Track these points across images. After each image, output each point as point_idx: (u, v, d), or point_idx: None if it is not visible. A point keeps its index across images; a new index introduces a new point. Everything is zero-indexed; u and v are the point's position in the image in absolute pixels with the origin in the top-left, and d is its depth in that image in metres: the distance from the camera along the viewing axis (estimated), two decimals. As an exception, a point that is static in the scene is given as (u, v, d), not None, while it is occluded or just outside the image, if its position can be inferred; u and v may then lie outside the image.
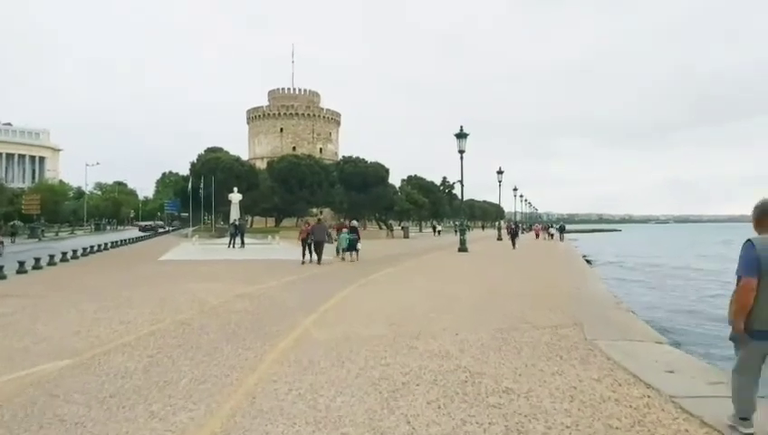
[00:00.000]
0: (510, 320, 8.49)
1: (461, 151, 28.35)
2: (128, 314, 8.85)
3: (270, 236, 37.30)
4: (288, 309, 9.46)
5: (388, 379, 5.25)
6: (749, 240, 3.78)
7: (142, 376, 5.38)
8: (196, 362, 5.91)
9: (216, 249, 28.89)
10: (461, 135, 28.16)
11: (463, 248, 28.01)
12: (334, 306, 9.80)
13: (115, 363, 5.88)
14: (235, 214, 34.92)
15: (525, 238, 54.58)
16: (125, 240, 33.83)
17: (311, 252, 19.40)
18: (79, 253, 22.05)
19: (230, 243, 29.83)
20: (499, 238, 48.50)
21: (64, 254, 20.10)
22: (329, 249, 21.82)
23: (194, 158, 56.58)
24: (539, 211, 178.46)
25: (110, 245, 28.45)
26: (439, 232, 69.84)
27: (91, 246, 24.81)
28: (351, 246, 21.00)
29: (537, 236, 51.72)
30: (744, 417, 3.84)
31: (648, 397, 4.76)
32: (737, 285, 3.79)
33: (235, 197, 35.98)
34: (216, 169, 47.71)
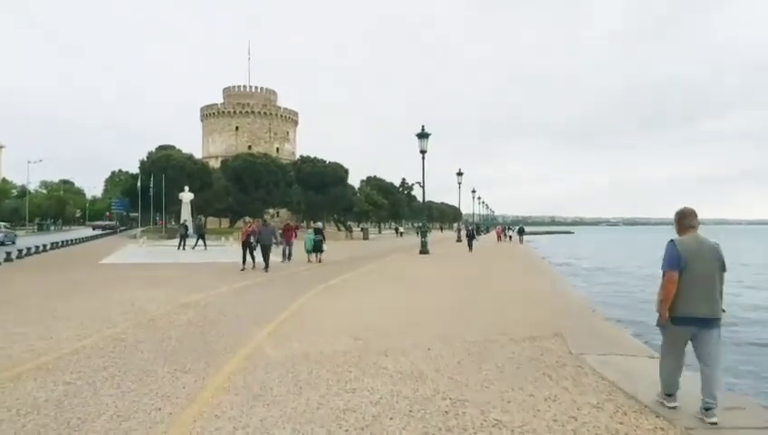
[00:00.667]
0: (485, 331, 7.76)
1: (422, 152, 27.71)
2: (51, 328, 7.68)
3: (223, 238, 35.78)
4: (239, 321, 8.47)
5: (356, 410, 4.39)
6: (672, 240, 4.45)
7: (52, 411, 4.36)
8: (123, 390, 4.91)
9: (165, 251, 27.34)
10: (422, 135, 27.52)
11: (424, 250, 27.37)
12: (291, 317, 8.86)
13: (22, 393, 4.82)
14: (185, 214, 33.34)
15: (485, 240, 54.59)
16: (66, 241, 31.74)
17: (252, 257, 17.18)
18: (13, 255, 20.29)
19: (180, 244, 28.36)
20: (458, 240, 48.19)
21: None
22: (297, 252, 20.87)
23: (145, 156, 54.20)
24: (495, 213, 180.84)
25: (49, 246, 26.47)
26: (401, 233, 69.41)
27: (28, 248, 22.95)
28: (317, 247, 20.97)
29: (499, 238, 51.41)
30: (669, 393, 4.49)
31: (662, 429, 4.07)
32: (662, 278, 4.44)
33: (186, 196, 34.39)
34: (166, 168, 45.67)
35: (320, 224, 25.19)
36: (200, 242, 28.16)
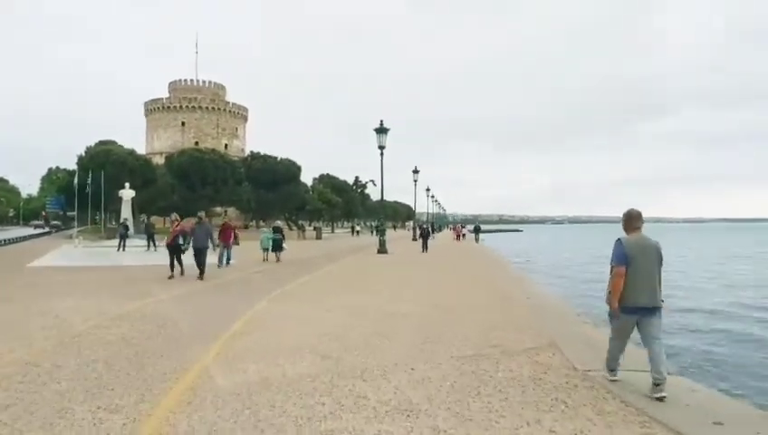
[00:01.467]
0: (472, 343, 6.82)
1: (381, 147, 26.75)
2: (-54, 351, 6.25)
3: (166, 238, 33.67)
4: (181, 336, 7.22)
5: (338, 467, 3.33)
6: (619, 239, 5.05)
7: None
8: (23, 443, 3.68)
9: (103, 253, 25.33)
10: (381, 130, 26.57)
11: (383, 250, 26.44)
12: (244, 329, 7.68)
13: None
14: (126, 212, 31.18)
15: (439, 238, 54.19)
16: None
17: (180, 262, 14.23)
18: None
19: (120, 245, 26.33)
20: (414, 239, 47.58)
21: None
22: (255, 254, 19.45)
23: (83, 151, 50.94)
24: (446, 212, 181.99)
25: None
26: (358, 232, 68.34)
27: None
28: (276, 246, 20.58)
29: (458, 237, 50.00)
30: (612, 369, 5.23)
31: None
32: (611, 273, 4.99)
33: (127, 193, 32.22)
34: (106, 163, 42.88)
35: (279, 223, 24.73)
36: (151, 244, 26.23)
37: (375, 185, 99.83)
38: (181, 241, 14.18)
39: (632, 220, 5.12)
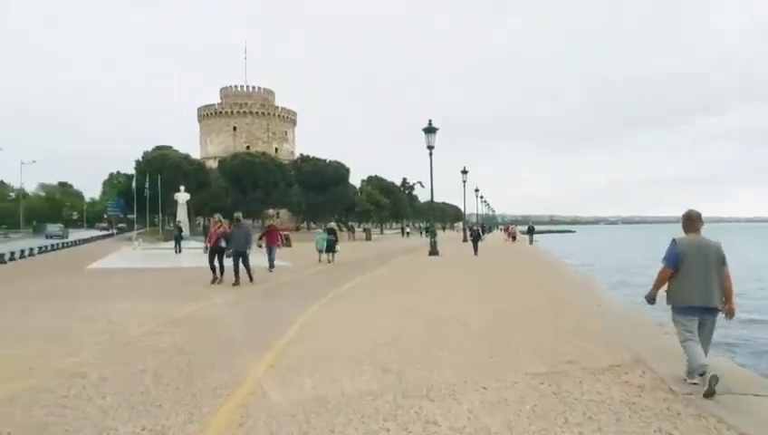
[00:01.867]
0: (544, 357, 6.18)
1: (430, 147, 26.15)
2: (-2, 358, 6.10)
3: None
4: (234, 344, 6.87)
5: None
6: (674, 239, 5.10)
7: None
8: (61, 470, 3.33)
9: (161, 255, 25.76)
10: (430, 129, 25.97)
11: (434, 252, 25.82)
12: (297, 337, 7.27)
13: None
14: (181, 215, 31.75)
15: (491, 240, 53.00)
16: (57, 245, 30.16)
17: (221, 267, 13.39)
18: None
19: (176, 247, 26.76)
20: (465, 240, 46.69)
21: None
22: (309, 255, 19.24)
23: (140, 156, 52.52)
24: (495, 213, 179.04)
25: (36, 250, 24.86)
26: (408, 233, 67.94)
27: (12, 253, 21.37)
28: (330, 247, 20.79)
29: (513, 238, 47.70)
30: (701, 374, 4.74)
31: None
32: (660, 270, 5.18)
33: (182, 196, 32.79)
34: (162, 168, 44.04)
35: (333, 224, 25.06)
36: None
37: (423, 186, 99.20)
38: (224, 244, 13.33)
39: (691, 221, 5.15)
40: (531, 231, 47.57)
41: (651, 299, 5.27)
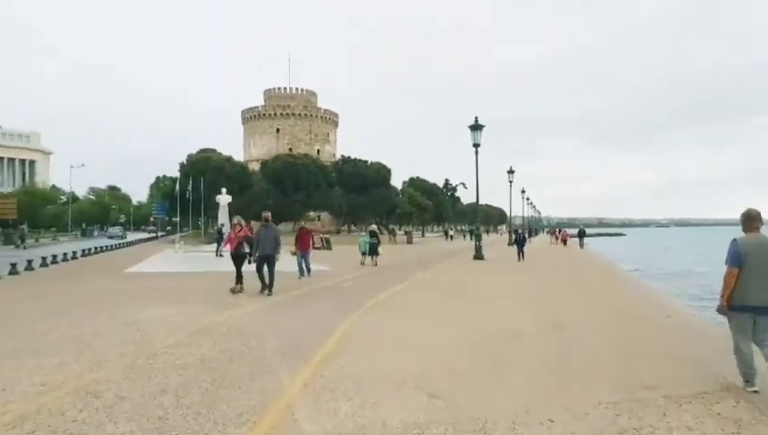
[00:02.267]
0: (617, 380, 5.35)
1: (476, 145, 25.24)
2: (15, 370, 5.69)
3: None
4: (265, 357, 6.29)
5: None
6: (734, 239, 5.08)
7: None
8: None
9: (201, 258, 25.71)
10: (476, 126, 25.07)
11: (479, 256, 24.90)
12: (334, 351, 6.64)
13: None
14: (222, 217, 31.73)
15: (537, 243, 51.39)
16: (100, 248, 30.62)
17: (239, 275, 12.29)
18: (36, 263, 18.94)
19: (217, 250, 26.66)
20: (510, 244, 45.45)
21: (13, 266, 16.89)
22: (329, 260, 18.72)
23: (185, 159, 53.37)
24: (541, 215, 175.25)
25: (79, 253, 25.17)
26: (452, 237, 67.01)
27: (54, 256, 21.63)
28: (372, 250, 20.92)
29: (564, 242, 45.04)
30: (747, 380, 4.96)
31: None
32: (726, 272, 5.06)
33: (223, 199, 32.79)
34: (205, 170, 44.49)
35: (374, 227, 25.20)
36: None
37: (466, 188, 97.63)
38: (247, 249, 12.22)
39: (751, 220, 5.12)
40: (581, 235, 45.07)
41: (724, 310, 5.11)
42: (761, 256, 4.91)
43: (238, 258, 12.32)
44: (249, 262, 12.15)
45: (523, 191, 66.66)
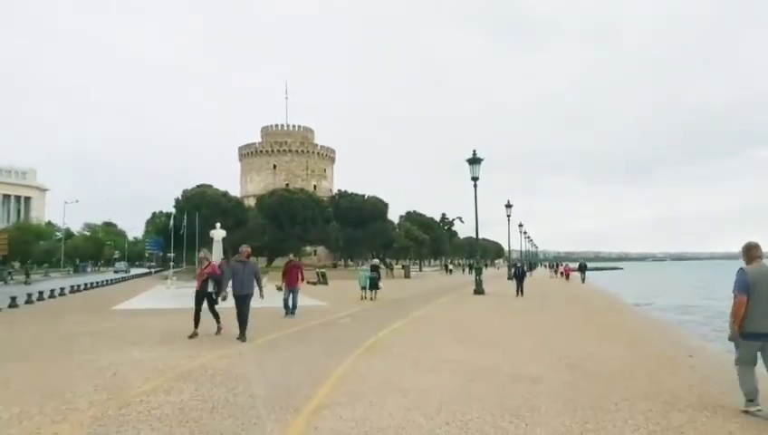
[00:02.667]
0: (654, 435, 4.66)
1: (474, 179, 24.82)
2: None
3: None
4: (252, 407, 5.58)
5: None
6: (741, 268, 5.36)
7: None
8: None
9: (193, 294, 24.90)
10: (474, 160, 24.71)
11: (479, 290, 24.19)
12: (329, 400, 5.92)
13: None
14: (217, 253, 30.95)
15: (537, 277, 50.64)
16: (91, 284, 29.80)
17: (213, 313, 10.84)
18: (21, 300, 18.16)
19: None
20: (510, 278, 44.72)
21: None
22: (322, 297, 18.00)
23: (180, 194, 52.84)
24: (538, 249, 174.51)
25: (67, 290, 24.35)
26: (451, 271, 66.37)
27: (40, 292, 20.84)
28: (373, 284, 20.99)
29: (567, 277, 43.83)
30: (751, 399, 5.29)
31: None
32: (733, 301, 5.32)
33: (218, 233, 31.98)
34: (200, 205, 43.90)
35: (376, 261, 25.83)
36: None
37: (462, 222, 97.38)
38: (212, 287, 10.67)
39: (752, 250, 5.39)
40: (583, 269, 43.42)
41: (735, 337, 5.31)
42: (765, 286, 5.15)
43: (201, 297, 10.74)
44: (216, 302, 10.70)
45: (520, 225, 66.29)
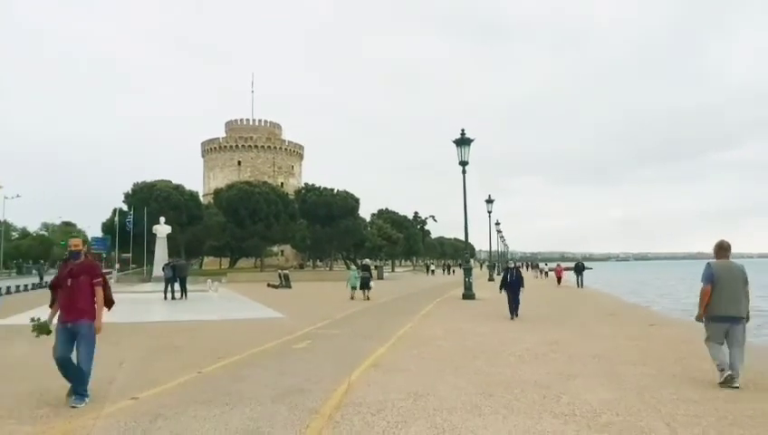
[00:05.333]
0: None
1: (463, 164, 21.08)
2: None
3: (210, 281, 28.93)
4: None
5: None
6: (708, 263, 6.51)
7: None
8: None
9: (131, 302, 20.53)
10: (462, 141, 20.97)
11: (469, 295, 20.46)
12: None
13: None
14: (161, 251, 26.62)
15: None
16: (26, 286, 25.12)
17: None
18: None
19: (166, 292, 21.14)
20: (490, 279, 41.35)
21: None
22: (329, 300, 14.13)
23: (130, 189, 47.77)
24: (509, 249, 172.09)
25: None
26: (433, 271, 63.09)
27: None
28: (364, 284, 21.16)
29: (559, 280, 37.20)
30: (722, 369, 6.29)
31: None
32: (701, 289, 6.45)
33: (162, 229, 27.73)
34: (149, 200, 39.17)
35: (368, 261, 26.43)
36: (176, 291, 21.31)
37: (435, 220, 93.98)
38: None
39: (722, 250, 6.54)
40: (579, 270, 34.55)
41: (701, 318, 6.51)
42: (729, 278, 6.32)
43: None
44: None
45: (497, 223, 63.06)
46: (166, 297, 20.88)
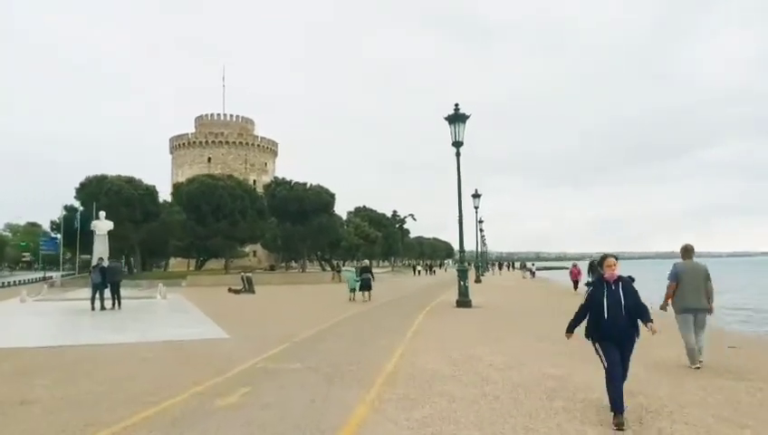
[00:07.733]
0: None
1: (457, 144, 17.60)
2: None
3: (160, 285, 24.99)
4: None
5: None
6: (674, 263, 7.76)
7: None
8: None
9: (56, 313, 16.63)
10: (456, 117, 17.49)
11: (464, 301, 16.99)
12: None
13: None
14: (100, 250, 22.61)
15: (492, 281, 44.00)
16: None
17: None
18: None
19: (93, 300, 17.30)
20: (477, 280, 38.07)
21: None
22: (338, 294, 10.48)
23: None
24: (487, 248, 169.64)
25: None
26: (419, 272, 59.51)
27: None
28: (365, 286, 20.90)
29: (576, 284, 29.20)
30: (691, 354, 7.49)
31: None
32: (667, 285, 7.71)
33: (101, 225, 23.67)
34: (98, 194, 34.86)
35: (367, 261, 26.87)
36: (105, 299, 17.47)
37: (415, 219, 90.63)
38: None
39: (687, 252, 7.75)
40: (593, 269, 25.66)
41: (664, 308, 7.75)
42: (692, 275, 7.50)
43: None
44: None
45: (481, 221, 59.93)
46: (93, 307, 17.04)
